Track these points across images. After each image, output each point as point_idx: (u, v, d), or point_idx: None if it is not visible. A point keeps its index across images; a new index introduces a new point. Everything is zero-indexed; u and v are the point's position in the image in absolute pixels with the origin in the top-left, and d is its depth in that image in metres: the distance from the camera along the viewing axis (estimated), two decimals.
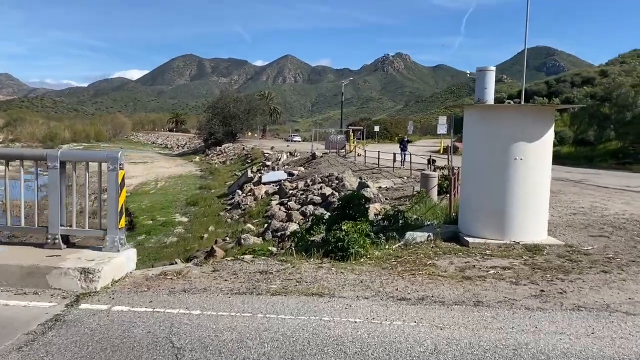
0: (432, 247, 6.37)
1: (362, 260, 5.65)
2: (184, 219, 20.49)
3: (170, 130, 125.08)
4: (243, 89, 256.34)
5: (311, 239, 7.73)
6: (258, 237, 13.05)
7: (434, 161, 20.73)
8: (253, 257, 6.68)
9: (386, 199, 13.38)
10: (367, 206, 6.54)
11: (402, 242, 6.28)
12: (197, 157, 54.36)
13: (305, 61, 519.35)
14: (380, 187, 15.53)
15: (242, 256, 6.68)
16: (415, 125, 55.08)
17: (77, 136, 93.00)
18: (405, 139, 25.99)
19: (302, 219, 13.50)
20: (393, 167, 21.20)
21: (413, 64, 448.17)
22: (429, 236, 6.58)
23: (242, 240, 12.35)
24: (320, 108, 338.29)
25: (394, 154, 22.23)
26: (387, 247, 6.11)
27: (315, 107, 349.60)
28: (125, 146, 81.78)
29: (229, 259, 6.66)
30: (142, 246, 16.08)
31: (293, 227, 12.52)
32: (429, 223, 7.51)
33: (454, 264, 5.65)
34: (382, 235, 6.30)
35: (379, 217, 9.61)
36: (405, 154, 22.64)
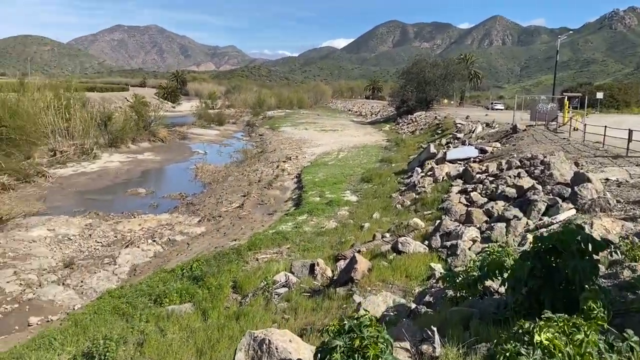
0: None
1: None
2: (353, 198, 18.16)
3: (367, 98, 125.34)
4: (445, 54, 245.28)
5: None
6: (423, 241, 9.88)
7: None
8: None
9: (618, 201, 8.98)
10: (593, 266, 2.97)
11: None
12: (387, 126, 51.99)
13: (516, 21, 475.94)
14: (607, 180, 10.94)
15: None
16: None
17: (282, 103, 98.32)
18: None
19: (485, 222, 9.88)
20: (627, 149, 15.65)
21: None
22: None
23: (400, 245, 9.33)
24: (530, 72, 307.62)
25: (630, 130, 15.99)
26: None
27: (524, 72, 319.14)
28: (322, 113, 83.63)
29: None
30: (299, 229, 14.20)
31: (471, 233, 9.06)
32: None
33: None
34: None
35: (610, 248, 5.74)
36: None
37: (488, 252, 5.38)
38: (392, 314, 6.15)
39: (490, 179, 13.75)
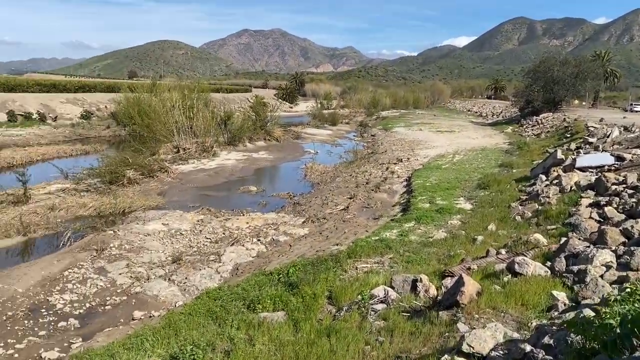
0: None
1: None
2: (467, 206, 16.85)
3: (488, 98, 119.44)
4: (577, 52, 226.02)
5: None
6: (545, 262, 8.60)
7: None
8: None
9: None
10: None
11: None
12: (510, 128, 48.67)
13: None
14: None
15: None
16: None
17: (397, 103, 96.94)
18: None
19: (622, 244, 8.34)
20: None
21: None
22: None
23: (517, 266, 8.17)
24: None
25: None
26: None
27: None
28: (439, 113, 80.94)
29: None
30: (404, 238, 13.35)
31: (603, 257, 7.67)
32: None
33: None
34: None
35: None
36: None
37: (628, 292, 4.25)
38: (501, 353, 5.17)
39: (630, 191, 11.81)
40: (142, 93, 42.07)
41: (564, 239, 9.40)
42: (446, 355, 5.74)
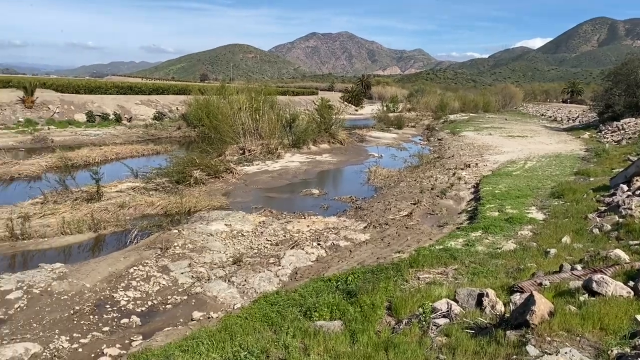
0: None
1: None
2: (539, 216, 15.90)
3: (564, 102, 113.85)
4: None
5: None
6: (627, 281, 7.84)
7: None
8: None
9: None
10: None
11: None
12: (587, 134, 45.93)
13: None
14: None
15: None
16: None
17: (466, 106, 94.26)
18: None
19: None
20: None
21: None
22: None
23: (595, 285, 7.48)
24: None
25: None
26: None
27: None
28: (510, 117, 77.92)
29: None
30: (470, 248, 12.74)
31: None
32: None
33: None
34: None
35: None
36: None
37: None
38: None
39: None
40: (211, 95, 43.27)
41: None
42: None
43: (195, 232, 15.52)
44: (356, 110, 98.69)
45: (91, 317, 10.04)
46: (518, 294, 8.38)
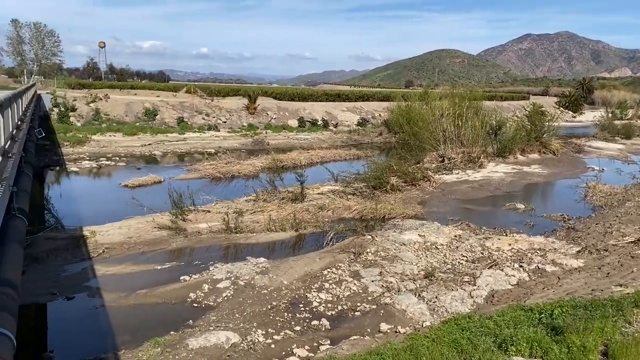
0: None
1: None
2: None
3: None
4: None
5: None
6: None
7: None
8: None
9: None
10: None
11: None
12: None
13: None
14: None
15: None
16: None
17: None
18: None
19: None
20: None
21: None
22: None
23: None
24: None
25: None
26: None
27: None
28: None
29: None
30: None
31: None
32: None
33: None
34: None
35: None
36: None
37: None
38: None
39: None
40: (413, 102, 43.14)
41: None
42: None
43: (388, 239, 15.37)
44: (574, 117, 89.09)
45: (285, 314, 10.52)
46: None
